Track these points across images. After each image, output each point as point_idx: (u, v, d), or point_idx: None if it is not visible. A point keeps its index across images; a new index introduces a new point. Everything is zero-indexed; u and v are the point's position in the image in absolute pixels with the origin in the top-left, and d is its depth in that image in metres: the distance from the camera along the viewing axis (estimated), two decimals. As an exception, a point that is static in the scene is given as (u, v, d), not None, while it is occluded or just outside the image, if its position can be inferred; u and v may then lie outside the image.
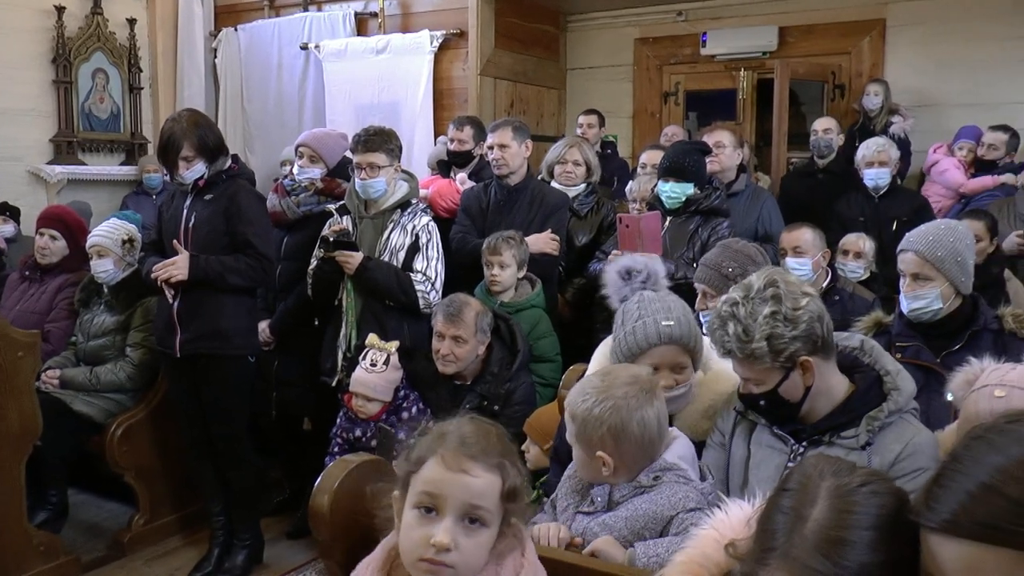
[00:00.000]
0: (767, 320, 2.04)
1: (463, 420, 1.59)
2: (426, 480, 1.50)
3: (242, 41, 7.51)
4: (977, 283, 3.03)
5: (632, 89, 7.81)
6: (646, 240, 3.73)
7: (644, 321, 2.39)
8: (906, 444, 2.03)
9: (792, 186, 5.66)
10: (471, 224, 4.40)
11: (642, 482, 1.98)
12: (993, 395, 2.05)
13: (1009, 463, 1.09)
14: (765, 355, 2.04)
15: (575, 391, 2.05)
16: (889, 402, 2.09)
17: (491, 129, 4.53)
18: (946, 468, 1.16)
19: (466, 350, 3.39)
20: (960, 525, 1.09)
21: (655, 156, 4.91)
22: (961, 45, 6.52)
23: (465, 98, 6.65)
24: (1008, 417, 1.18)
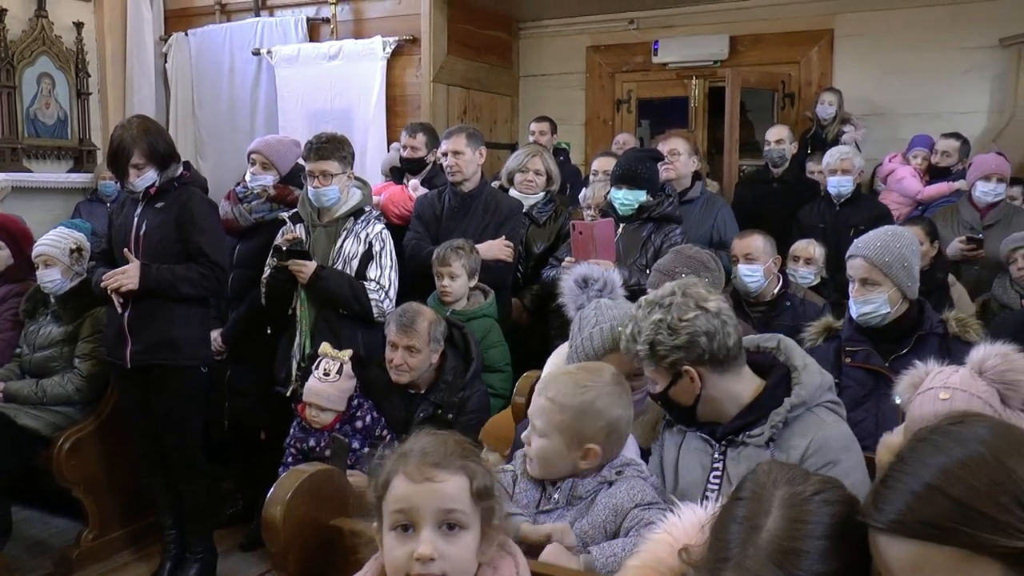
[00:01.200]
0: (652, 326, 2.13)
1: (420, 435, 1.59)
2: (395, 499, 1.50)
3: (193, 46, 7.42)
4: (923, 288, 3.10)
5: (585, 96, 7.88)
6: (600, 247, 3.76)
7: (601, 327, 2.42)
8: (811, 440, 2.06)
9: (745, 194, 5.74)
10: (425, 231, 4.40)
11: (606, 476, 2.03)
12: (938, 397, 2.10)
13: (952, 464, 1.12)
14: (646, 357, 2.15)
15: (562, 383, 2.08)
16: (792, 396, 2.12)
17: (445, 136, 4.52)
18: (893, 470, 1.19)
19: (419, 360, 3.38)
20: (906, 525, 1.12)
21: (607, 163, 4.95)
22: (906, 56, 6.70)
23: (418, 104, 6.64)
24: (951, 419, 1.21)
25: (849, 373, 2.93)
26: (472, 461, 1.55)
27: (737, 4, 7.12)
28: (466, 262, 3.92)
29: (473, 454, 1.58)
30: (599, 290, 2.65)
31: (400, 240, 4.33)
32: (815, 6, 6.96)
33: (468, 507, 1.51)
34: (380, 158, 6.14)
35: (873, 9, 6.79)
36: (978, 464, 1.11)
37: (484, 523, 1.54)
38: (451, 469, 1.51)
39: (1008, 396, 2.12)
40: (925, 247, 4.11)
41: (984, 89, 6.60)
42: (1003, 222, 4.84)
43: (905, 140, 6.23)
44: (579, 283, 2.67)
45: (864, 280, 2.94)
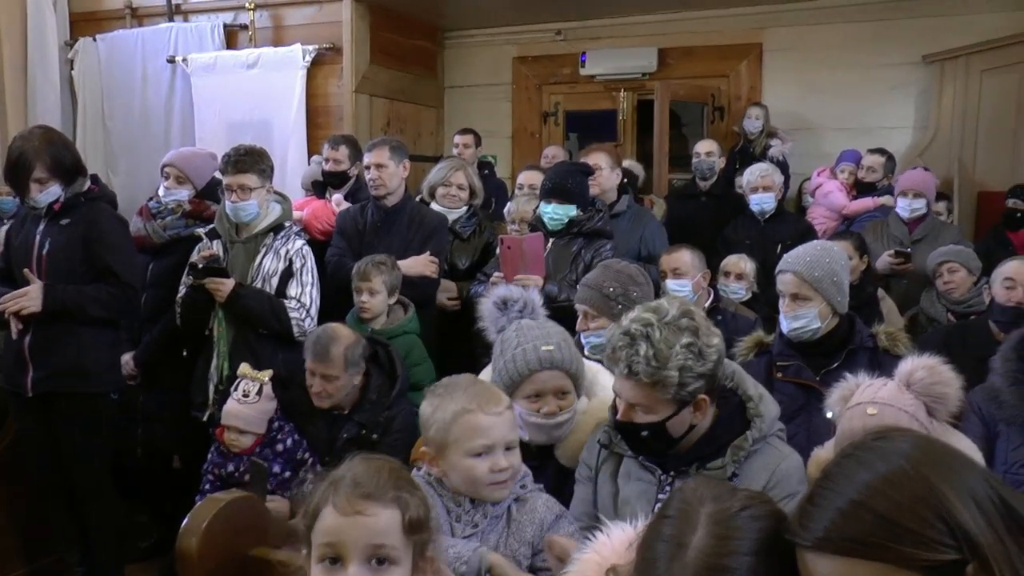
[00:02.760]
0: (684, 350, 2.01)
1: (354, 461, 1.57)
2: (324, 531, 1.48)
3: (102, 52, 7.24)
4: (853, 302, 3.20)
5: (511, 108, 7.93)
6: (528, 262, 3.78)
7: (523, 348, 2.42)
8: (773, 472, 2.07)
9: (674, 208, 5.84)
10: (347, 247, 4.38)
11: (515, 492, 2.05)
12: (866, 413, 2.17)
13: (876, 479, 1.16)
14: (673, 385, 2.01)
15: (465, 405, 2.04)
16: (753, 430, 2.12)
17: (367, 148, 4.51)
18: (818, 486, 1.22)
19: (337, 386, 3.35)
20: (832, 541, 1.15)
21: (534, 177, 5.00)
22: (833, 71, 6.94)
23: (340, 116, 6.62)
24: (875, 434, 1.25)
25: (780, 388, 2.99)
26: (406, 492, 1.53)
27: (666, 16, 7.26)
28: (387, 278, 3.91)
29: (408, 483, 1.57)
30: (519, 311, 2.65)
31: (322, 256, 4.31)
32: (744, 19, 7.14)
33: (399, 541, 1.49)
34: (301, 171, 6.10)
35: (801, 24, 7.00)
36: (901, 479, 1.15)
37: (417, 556, 1.53)
38: (383, 501, 1.49)
39: (935, 409, 2.20)
40: (854, 261, 4.23)
41: (909, 105, 6.86)
42: (930, 236, 5.00)
43: (832, 155, 6.42)
44: (498, 305, 2.68)
45: (794, 295, 3.02)
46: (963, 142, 6.51)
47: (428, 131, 7.75)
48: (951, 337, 3.80)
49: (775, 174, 5.22)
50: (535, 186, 4.79)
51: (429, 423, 2.04)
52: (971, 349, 3.50)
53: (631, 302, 3.01)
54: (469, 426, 1.98)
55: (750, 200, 5.19)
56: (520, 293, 2.64)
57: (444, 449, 2.02)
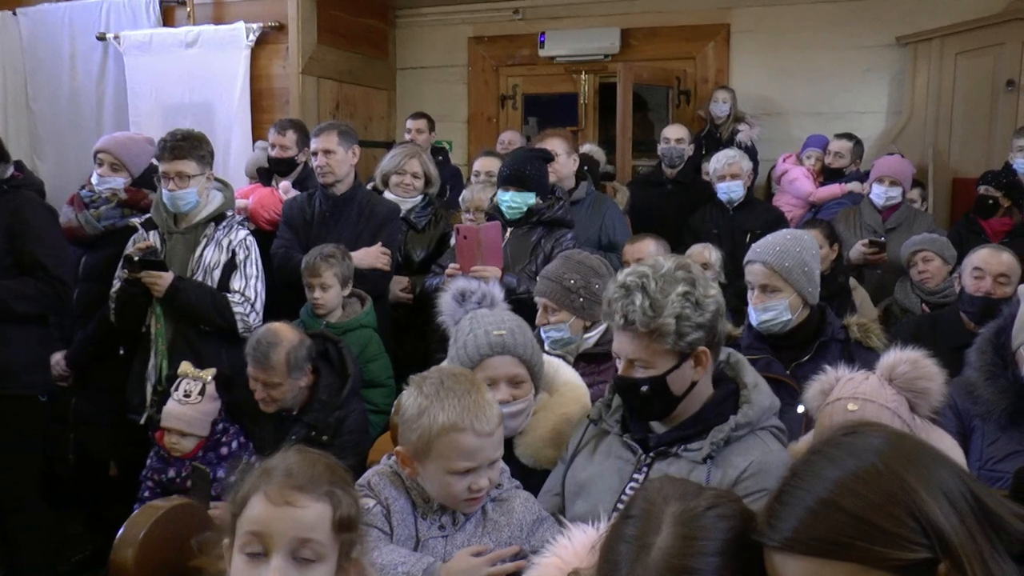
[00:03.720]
0: (679, 298, 2.09)
1: (289, 452, 1.58)
2: (251, 520, 1.49)
3: (24, 28, 7.09)
4: (824, 293, 3.23)
5: (467, 91, 7.92)
6: (486, 252, 3.79)
7: (475, 333, 2.44)
8: (752, 461, 2.08)
9: (639, 195, 5.87)
10: (294, 238, 4.36)
11: (490, 493, 2.04)
12: (847, 409, 2.19)
13: (846, 476, 1.18)
14: (670, 333, 2.08)
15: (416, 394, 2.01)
16: (739, 415, 2.14)
17: (314, 133, 4.49)
18: (787, 484, 1.24)
19: (281, 392, 3.34)
20: (801, 542, 1.17)
21: (490, 164, 5.00)
22: (803, 53, 7.01)
23: (286, 99, 6.57)
24: (845, 430, 1.27)
25: (750, 382, 3.03)
26: (339, 488, 1.54)
27: (629, -5, 7.30)
28: (338, 270, 3.90)
29: (343, 480, 1.58)
30: (478, 303, 2.67)
31: (268, 248, 4.28)
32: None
33: (326, 538, 1.50)
34: (244, 158, 6.06)
35: (770, 4, 7.06)
36: (872, 476, 1.17)
37: (342, 556, 1.54)
38: (315, 495, 1.51)
39: (917, 404, 2.23)
40: (825, 250, 4.28)
41: (882, 89, 6.95)
42: (904, 225, 5.08)
43: (802, 140, 6.50)
44: (456, 297, 2.69)
45: (764, 286, 3.05)
46: (938, 127, 6.61)
47: (379, 115, 7.71)
48: (922, 328, 3.86)
49: (743, 161, 5.27)
50: (492, 173, 4.79)
51: (411, 425, 1.98)
52: (942, 340, 3.55)
53: (592, 295, 3.03)
54: (456, 445, 1.94)
55: (717, 188, 5.24)
56: (479, 285, 2.65)
57: (423, 457, 1.98)
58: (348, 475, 1.62)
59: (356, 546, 1.56)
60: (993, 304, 3.64)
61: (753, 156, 6.17)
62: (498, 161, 4.84)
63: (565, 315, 3.07)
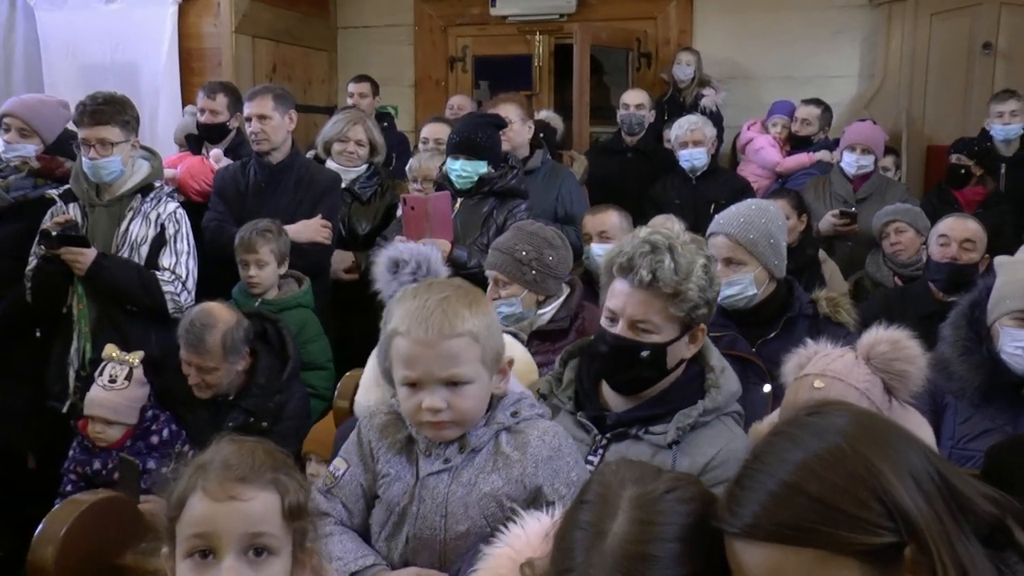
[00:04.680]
0: (701, 268, 2.17)
1: (222, 443, 1.57)
2: (193, 521, 1.46)
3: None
4: (792, 266, 3.27)
5: (413, 53, 7.88)
6: (434, 224, 3.78)
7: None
8: (720, 449, 2.12)
9: (598, 164, 5.89)
10: (227, 210, 4.32)
11: (501, 420, 1.93)
12: (812, 385, 2.22)
13: (809, 458, 1.19)
14: (691, 301, 2.14)
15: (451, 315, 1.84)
16: (706, 400, 2.19)
17: (247, 97, 4.45)
18: (748, 468, 1.25)
19: (217, 377, 3.33)
20: (762, 528, 1.18)
21: (439, 130, 4.99)
22: (769, 15, 7.05)
23: (218, 60, 6.50)
24: (809, 409, 1.29)
25: (714, 360, 3.06)
26: (284, 474, 1.53)
27: (586, -51, 7.30)
28: (275, 247, 3.88)
29: (285, 466, 1.56)
30: (411, 273, 2.57)
31: (199, 221, 4.25)
32: (673, -46, 7.21)
33: (278, 529, 1.49)
34: (173, 123, 5.99)
35: (736, -40, 7.10)
36: (836, 457, 1.18)
37: (296, 547, 1.53)
38: (259, 484, 1.49)
39: (895, 387, 2.25)
40: (792, 221, 4.33)
41: (854, 51, 7.03)
42: (876, 195, 5.14)
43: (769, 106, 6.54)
44: (389, 267, 2.60)
45: (728, 259, 3.07)
46: (911, 92, 6.70)
47: (319, 78, 7.66)
48: (891, 301, 3.94)
49: (706, 127, 5.30)
50: (441, 140, 4.79)
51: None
52: (912, 311, 3.64)
53: (546, 267, 3.03)
54: (397, 351, 1.87)
55: (680, 156, 5.27)
56: (413, 252, 2.54)
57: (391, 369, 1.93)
58: (290, 459, 1.61)
59: (310, 534, 1.55)
60: (959, 270, 3.74)
61: (718, 122, 6.21)
62: (447, 127, 4.83)
63: (517, 289, 3.07)
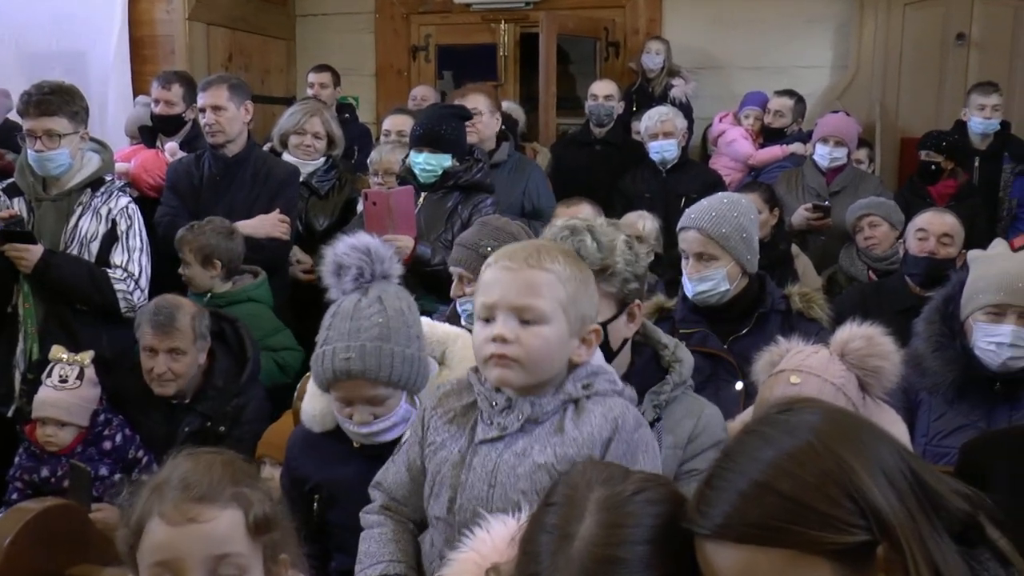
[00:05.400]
0: (624, 244, 2.26)
1: (178, 460, 1.54)
2: (153, 548, 1.44)
3: None
4: (764, 261, 3.30)
5: (375, 42, 7.86)
6: (397, 220, 3.78)
7: (324, 350, 2.28)
8: (698, 418, 2.24)
9: (565, 157, 5.90)
10: (180, 205, 4.31)
11: (571, 392, 1.84)
12: (789, 381, 2.26)
13: (780, 457, 1.21)
14: (620, 276, 2.22)
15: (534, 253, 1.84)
16: (673, 375, 2.28)
17: (201, 88, 4.44)
18: (718, 467, 1.26)
19: (187, 363, 3.32)
20: (733, 529, 1.19)
21: (401, 122, 4.98)
22: (740, 3, 7.09)
23: (171, 48, 6.47)
24: (780, 407, 1.30)
25: (684, 357, 3.09)
26: (247, 486, 1.51)
27: (552, -64, 7.31)
28: (197, 246, 3.90)
29: (247, 476, 1.55)
30: (354, 280, 2.35)
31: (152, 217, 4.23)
32: (641, -60, 7.23)
33: (245, 547, 1.47)
34: (124, 115, 5.96)
35: (706, -52, 7.13)
36: (807, 455, 1.20)
37: (267, 561, 1.51)
38: (220, 502, 1.47)
39: (869, 384, 2.29)
40: (764, 215, 4.37)
41: (826, 41, 7.08)
42: (850, 188, 5.19)
43: (741, 96, 6.60)
44: (333, 271, 2.50)
45: (699, 255, 3.09)
46: (885, 83, 6.77)
47: (277, 67, 7.63)
48: (867, 296, 3.99)
49: (676, 118, 5.32)
50: (404, 132, 4.77)
51: None
52: (888, 305, 3.71)
53: (513, 263, 3.03)
54: (481, 281, 1.89)
55: (649, 148, 5.29)
56: (359, 256, 2.43)
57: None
58: (252, 467, 1.60)
59: (281, 545, 1.53)
60: (937, 265, 3.80)
61: (688, 113, 6.24)
62: (410, 119, 4.82)
63: None
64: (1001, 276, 2.85)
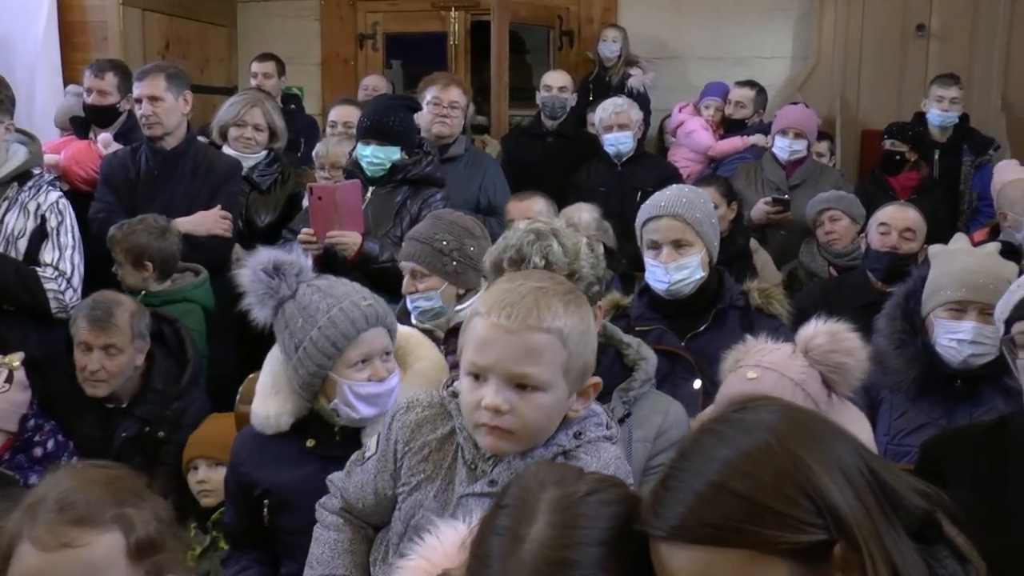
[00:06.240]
0: (587, 247, 2.35)
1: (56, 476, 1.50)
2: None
3: None
4: (723, 257, 3.33)
5: (320, 29, 7.83)
6: (343, 215, 3.77)
7: (342, 307, 2.31)
8: (666, 414, 2.42)
9: (517, 149, 5.92)
10: (116, 200, 4.27)
11: (563, 443, 1.79)
12: (746, 377, 2.28)
13: (736, 456, 1.22)
14: (586, 280, 2.30)
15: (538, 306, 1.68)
16: (639, 372, 2.42)
17: (137, 77, 4.39)
18: (673, 468, 1.27)
19: (122, 363, 3.29)
20: (688, 530, 1.21)
21: (348, 113, 4.99)
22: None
23: (104, 35, 6.40)
24: (736, 405, 1.32)
25: (641, 355, 3.12)
26: (130, 505, 1.47)
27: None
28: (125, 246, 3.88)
29: (132, 495, 1.50)
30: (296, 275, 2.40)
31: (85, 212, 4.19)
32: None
33: (124, 572, 1.43)
34: (54, 105, 5.86)
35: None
36: (764, 453, 1.21)
37: None
38: (98, 525, 1.42)
39: (834, 381, 2.31)
40: (722, 210, 4.41)
41: (787, 32, 7.16)
42: (810, 181, 5.25)
43: (699, 88, 6.66)
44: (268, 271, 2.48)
45: (677, 242, 3.06)
46: (845, 74, 6.87)
47: (217, 56, 7.57)
48: (828, 292, 4.05)
49: (632, 110, 5.35)
50: (350, 124, 4.78)
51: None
52: (849, 301, 3.77)
53: (467, 258, 3.04)
54: (471, 334, 1.73)
55: (604, 141, 5.33)
56: (294, 256, 2.44)
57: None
58: (139, 481, 1.54)
59: (168, 567, 1.50)
60: (899, 260, 3.86)
61: (645, 105, 6.27)
62: (357, 110, 4.83)
63: (436, 281, 3.06)
64: (962, 272, 2.90)
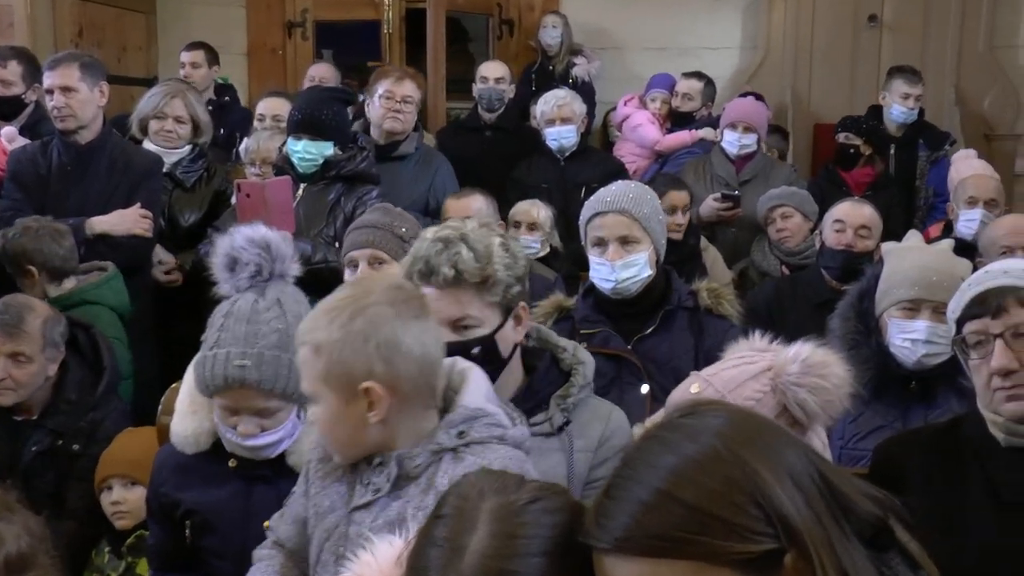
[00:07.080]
0: (500, 248, 2.28)
1: None
2: None
3: None
4: (671, 257, 3.36)
5: (246, 16, 7.77)
6: (273, 213, 3.74)
7: (216, 354, 2.29)
8: (607, 421, 2.40)
9: (454, 144, 5.89)
10: (25, 198, 4.20)
11: (443, 442, 1.86)
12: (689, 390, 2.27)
13: (682, 463, 1.22)
14: (501, 284, 2.26)
15: (311, 319, 1.89)
16: (577, 377, 2.40)
17: (48, 66, 4.32)
18: (617, 476, 1.27)
19: (31, 372, 3.25)
20: (634, 542, 1.21)
21: (278, 106, 4.97)
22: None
23: (9, 21, 6.26)
24: (683, 411, 1.32)
25: (585, 360, 3.12)
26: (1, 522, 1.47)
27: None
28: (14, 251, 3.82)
29: (1, 509, 1.51)
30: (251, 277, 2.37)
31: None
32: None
33: None
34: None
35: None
36: (711, 461, 1.22)
37: None
38: None
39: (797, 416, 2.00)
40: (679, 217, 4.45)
41: (735, 22, 7.24)
42: (761, 177, 5.30)
43: (644, 79, 6.68)
44: (226, 264, 2.44)
45: (624, 238, 3.07)
46: (796, 66, 6.95)
47: (136, 44, 7.47)
48: (782, 291, 4.07)
49: (575, 102, 5.37)
50: (280, 117, 4.76)
51: None
52: (803, 300, 3.83)
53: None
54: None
55: (546, 135, 5.33)
56: (254, 255, 2.40)
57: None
58: (9, 499, 1.54)
59: None
60: (854, 258, 3.90)
61: (589, 96, 6.30)
62: (287, 103, 4.80)
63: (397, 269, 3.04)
64: (915, 270, 2.91)
